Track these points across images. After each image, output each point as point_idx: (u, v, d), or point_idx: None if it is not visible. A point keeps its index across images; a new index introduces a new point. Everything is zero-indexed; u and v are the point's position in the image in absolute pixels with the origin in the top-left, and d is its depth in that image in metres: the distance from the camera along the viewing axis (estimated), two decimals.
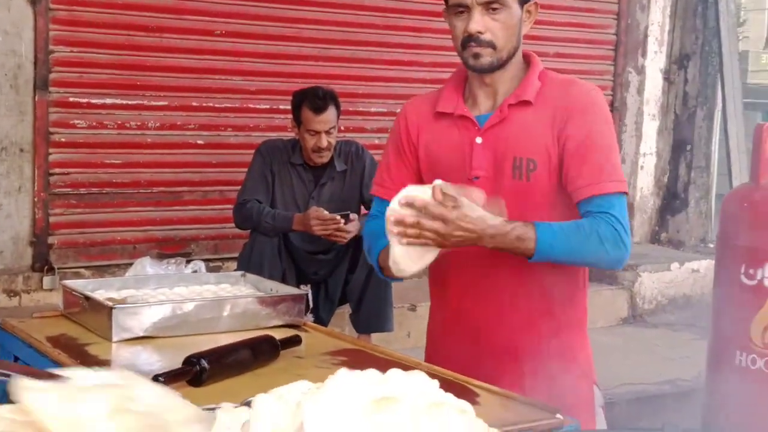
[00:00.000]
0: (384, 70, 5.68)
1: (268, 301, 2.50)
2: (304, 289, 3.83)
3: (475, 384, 2.01)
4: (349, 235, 4.23)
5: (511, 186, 2.24)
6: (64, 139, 4.81)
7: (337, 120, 4.34)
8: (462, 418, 1.02)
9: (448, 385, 1.97)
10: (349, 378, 1.03)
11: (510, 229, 2.11)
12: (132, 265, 3.19)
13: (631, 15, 6.66)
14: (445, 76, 2.45)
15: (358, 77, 5.57)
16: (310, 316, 4.24)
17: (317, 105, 4.26)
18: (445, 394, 1.05)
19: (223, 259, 5.18)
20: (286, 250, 4.34)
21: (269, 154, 4.40)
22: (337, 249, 4.40)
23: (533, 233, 2.11)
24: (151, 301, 2.45)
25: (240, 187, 4.44)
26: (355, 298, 4.39)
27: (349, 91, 5.34)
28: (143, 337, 2.28)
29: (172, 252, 4.97)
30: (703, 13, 6.74)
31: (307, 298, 4.18)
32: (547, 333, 2.29)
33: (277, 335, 2.20)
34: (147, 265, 3.03)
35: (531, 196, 2.24)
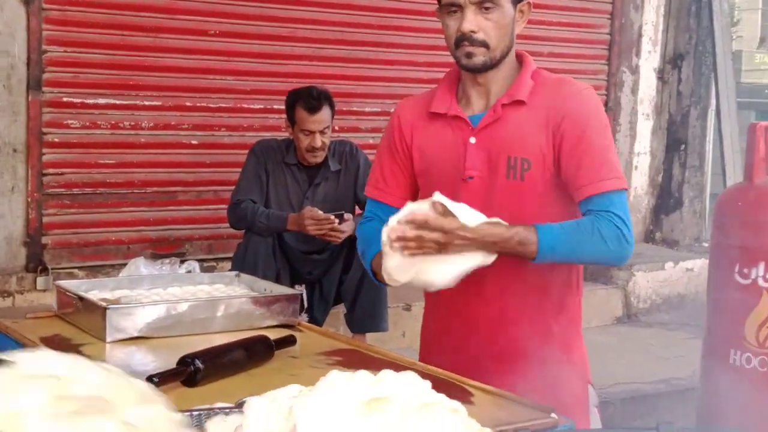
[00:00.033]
0: (378, 69, 5.67)
1: (263, 302, 2.49)
2: (299, 289, 3.82)
3: (469, 384, 2.01)
4: (344, 235, 4.22)
5: (505, 186, 2.25)
6: (57, 140, 4.80)
7: (331, 120, 4.34)
8: (454, 418, 1.02)
9: (442, 385, 1.97)
10: (340, 380, 1.03)
11: (511, 235, 2.12)
12: (126, 265, 3.20)
13: (625, 14, 6.67)
14: (440, 76, 2.44)
15: (352, 77, 5.57)
16: (305, 316, 4.24)
17: (311, 105, 4.25)
18: (437, 394, 1.05)
19: (217, 259, 5.17)
20: (281, 250, 4.34)
21: (263, 154, 4.39)
22: (331, 249, 4.40)
23: (535, 237, 2.12)
24: (145, 301, 2.45)
25: (234, 187, 4.44)
26: (349, 298, 4.38)
27: (343, 90, 5.34)
28: (137, 337, 2.28)
29: (166, 252, 4.96)
30: (696, 12, 6.75)
31: (302, 298, 4.18)
32: (542, 332, 2.30)
33: (271, 335, 2.20)
34: (141, 266, 3.03)
35: (525, 196, 2.24)
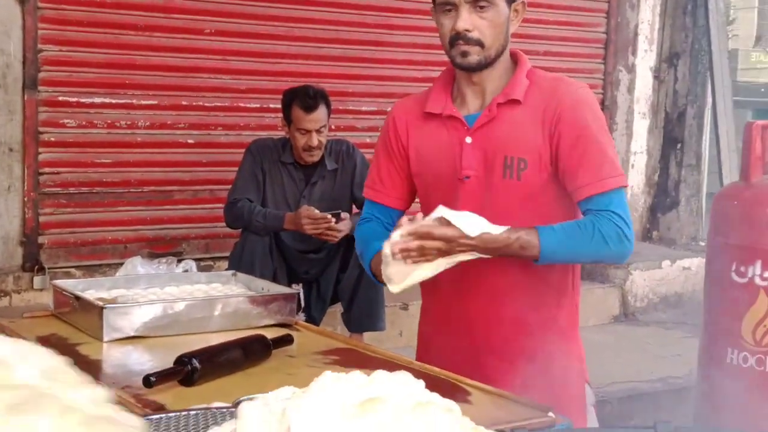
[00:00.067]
0: (374, 68, 5.67)
1: (260, 301, 2.49)
2: (296, 288, 3.81)
3: (467, 383, 2.01)
4: (341, 234, 4.22)
5: (501, 185, 2.25)
6: (53, 139, 4.79)
7: (327, 119, 4.33)
8: (448, 417, 1.02)
9: (440, 384, 1.98)
10: (333, 381, 1.03)
11: (513, 240, 2.12)
12: (123, 264, 3.19)
13: (621, 13, 6.67)
14: (436, 75, 2.44)
15: (348, 76, 5.57)
16: (302, 315, 4.23)
17: (308, 104, 4.25)
18: (431, 394, 1.04)
19: (214, 258, 5.16)
20: (278, 249, 4.34)
21: (260, 153, 4.39)
22: (328, 248, 4.39)
23: (537, 240, 2.13)
24: (141, 300, 2.45)
25: (231, 186, 4.43)
26: (346, 297, 4.38)
27: (339, 89, 5.33)
28: (134, 336, 2.27)
29: (163, 251, 4.95)
30: (692, 11, 6.75)
31: (299, 297, 4.15)
32: (539, 331, 2.30)
33: (268, 334, 2.20)
34: (138, 265, 3.03)
35: (522, 195, 2.24)
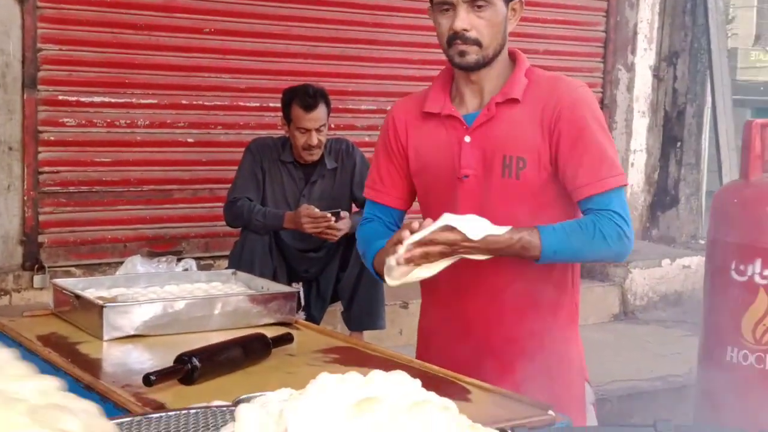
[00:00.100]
0: (374, 67, 5.67)
1: (260, 299, 2.50)
2: (296, 287, 3.81)
3: (466, 381, 2.02)
4: (340, 233, 4.22)
5: (500, 184, 2.25)
6: (53, 138, 4.79)
7: (327, 118, 4.33)
8: (444, 416, 1.01)
9: (439, 383, 1.98)
10: (330, 381, 1.03)
11: (515, 241, 2.13)
12: (122, 263, 3.18)
13: (620, 12, 6.67)
14: (435, 74, 2.44)
15: (347, 75, 5.57)
16: (302, 314, 4.22)
17: (307, 103, 4.25)
18: (428, 393, 1.05)
19: (214, 257, 5.17)
20: (277, 248, 4.34)
21: (259, 151, 4.39)
22: (328, 247, 4.40)
23: (538, 240, 2.14)
24: (141, 299, 2.45)
25: (230, 185, 4.43)
26: (346, 296, 4.38)
27: (339, 88, 5.33)
28: (134, 335, 2.28)
29: (163, 250, 4.95)
30: (692, 10, 6.76)
31: (299, 295, 4.15)
32: (539, 330, 2.30)
33: (268, 333, 2.20)
34: (137, 264, 3.02)
35: (520, 194, 2.24)
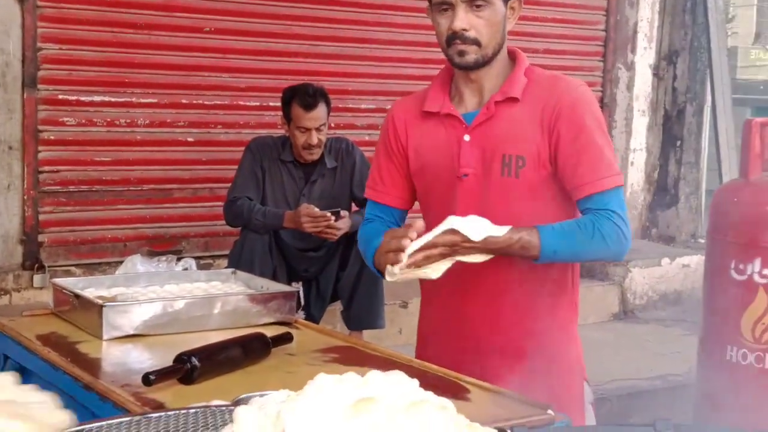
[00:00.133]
0: (374, 66, 5.67)
1: (259, 299, 2.49)
2: (295, 287, 3.82)
3: (466, 380, 2.02)
4: (340, 232, 4.22)
5: (500, 183, 2.25)
6: (53, 137, 4.79)
7: (327, 117, 4.33)
8: (442, 415, 1.02)
9: (438, 382, 1.98)
10: (328, 382, 1.03)
11: (514, 241, 2.13)
12: (122, 263, 3.18)
13: (620, 11, 6.67)
14: (435, 73, 2.44)
15: (347, 74, 5.57)
16: (302, 314, 4.23)
17: (307, 102, 4.25)
18: (425, 392, 1.05)
19: (213, 256, 5.17)
20: (277, 248, 4.34)
21: (259, 151, 4.39)
22: (327, 246, 4.39)
23: (537, 240, 2.14)
24: (141, 299, 2.45)
25: (230, 184, 4.43)
26: (346, 295, 4.38)
27: (338, 87, 5.33)
28: (134, 335, 2.28)
29: (163, 250, 4.95)
30: (691, 9, 6.76)
31: (299, 295, 4.17)
32: (538, 329, 2.30)
33: (268, 333, 2.20)
34: (137, 263, 3.02)
35: (520, 192, 2.25)
